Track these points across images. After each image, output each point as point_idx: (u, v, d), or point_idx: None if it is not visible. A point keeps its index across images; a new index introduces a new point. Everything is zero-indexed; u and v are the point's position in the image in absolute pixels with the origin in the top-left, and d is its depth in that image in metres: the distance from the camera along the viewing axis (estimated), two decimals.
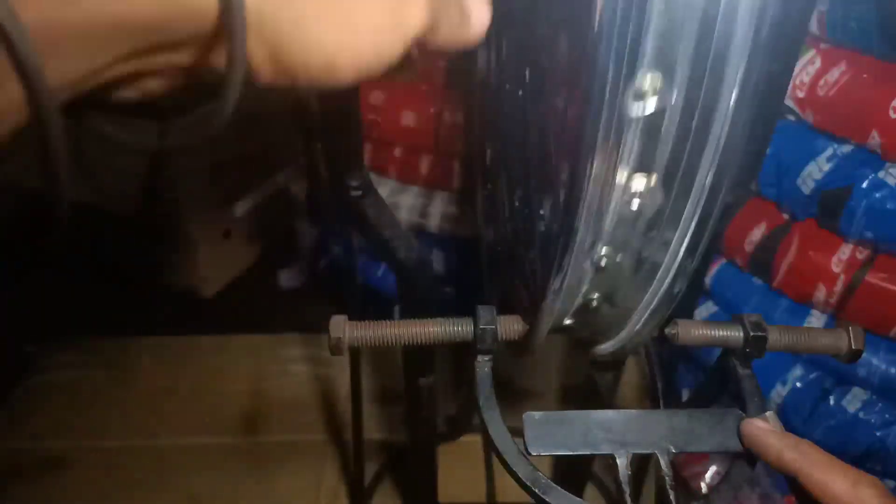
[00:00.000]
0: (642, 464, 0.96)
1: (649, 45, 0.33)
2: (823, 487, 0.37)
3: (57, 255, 1.50)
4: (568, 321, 0.47)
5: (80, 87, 0.27)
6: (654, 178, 0.38)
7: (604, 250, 0.41)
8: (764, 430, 0.42)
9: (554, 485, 0.40)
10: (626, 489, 0.41)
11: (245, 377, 1.39)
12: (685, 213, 0.39)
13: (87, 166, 1.45)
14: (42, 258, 1.56)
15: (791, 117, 0.93)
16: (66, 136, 0.25)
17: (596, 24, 0.31)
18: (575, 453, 0.42)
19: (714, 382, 0.56)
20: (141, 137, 0.33)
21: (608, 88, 0.32)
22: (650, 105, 0.35)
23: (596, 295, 0.44)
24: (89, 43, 0.25)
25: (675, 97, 0.35)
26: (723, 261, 1.08)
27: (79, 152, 1.50)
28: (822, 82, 0.87)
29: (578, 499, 0.40)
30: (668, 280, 0.43)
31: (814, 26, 0.89)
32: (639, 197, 0.38)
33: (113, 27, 0.25)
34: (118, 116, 0.32)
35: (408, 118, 1.17)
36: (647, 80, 0.34)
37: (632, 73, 0.34)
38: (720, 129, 0.36)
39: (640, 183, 0.38)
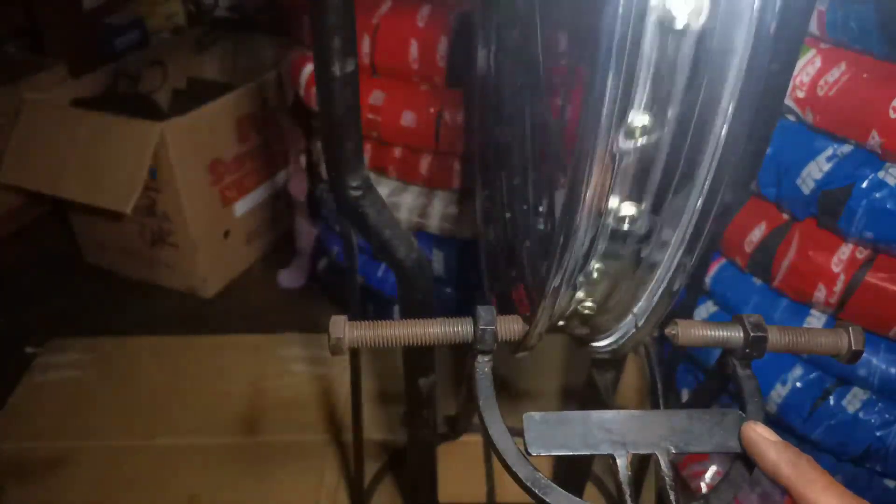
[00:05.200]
0: (642, 464, 0.96)
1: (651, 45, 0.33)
2: None
3: None
4: (567, 320, 0.47)
5: None
6: (654, 174, 0.38)
7: (604, 248, 0.41)
8: (764, 438, 0.41)
9: (554, 485, 0.40)
10: (626, 489, 0.41)
11: (245, 377, 1.39)
12: (685, 211, 0.39)
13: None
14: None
15: (791, 117, 0.93)
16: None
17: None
18: (575, 453, 0.42)
19: (714, 383, 0.56)
20: None
21: (614, 55, 0.32)
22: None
23: (596, 293, 0.44)
24: None
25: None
26: (723, 261, 1.08)
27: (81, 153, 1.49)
28: (822, 82, 0.87)
29: (578, 499, 0.40)
30: (666, 278, 0.42)
31: (814, 26, 0.89)
32: (641, 193, 0.38)
33: None
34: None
35: (408, 118, 1.17)
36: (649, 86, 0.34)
37: (634, 72, 0.34)
38: (720, 128, 0.36)
39: (641, 179, 0.38)
